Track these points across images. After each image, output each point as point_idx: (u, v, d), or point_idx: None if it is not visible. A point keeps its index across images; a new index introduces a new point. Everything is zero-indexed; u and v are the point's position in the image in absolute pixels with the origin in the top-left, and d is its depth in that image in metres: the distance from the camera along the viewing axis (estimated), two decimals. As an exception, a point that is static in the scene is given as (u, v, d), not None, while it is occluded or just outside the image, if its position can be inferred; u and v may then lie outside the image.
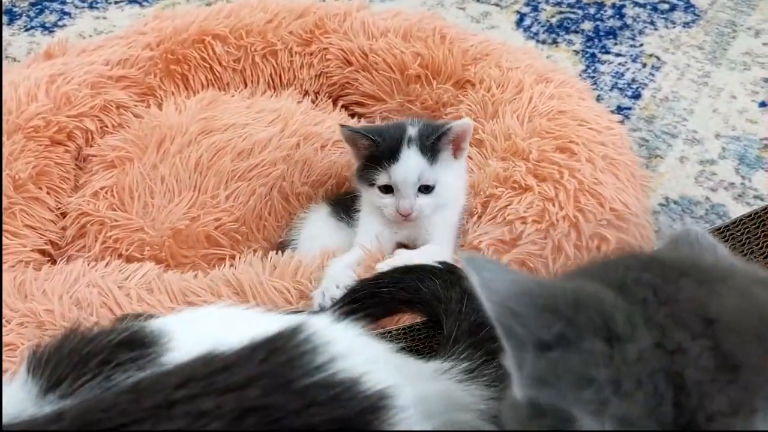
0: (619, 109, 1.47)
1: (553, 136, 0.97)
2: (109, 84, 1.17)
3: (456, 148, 0.93)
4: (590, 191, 0.92)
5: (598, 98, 1.48)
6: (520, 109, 1.04)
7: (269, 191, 1.03)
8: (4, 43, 1.63)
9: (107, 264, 0.89)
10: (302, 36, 1.27)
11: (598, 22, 1.73)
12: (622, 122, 1.26)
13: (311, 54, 1.28)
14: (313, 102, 1.26)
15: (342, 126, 0.95)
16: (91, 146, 1.09)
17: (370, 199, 0.95)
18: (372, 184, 0.92)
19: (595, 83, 1.54)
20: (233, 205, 1.01)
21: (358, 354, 0.45)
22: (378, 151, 0.91)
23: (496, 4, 1.82)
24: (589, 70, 1.59)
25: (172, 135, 1.04)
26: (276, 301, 0.82)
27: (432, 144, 0.90)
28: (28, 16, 1.78)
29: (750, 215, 0.84)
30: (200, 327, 0.51)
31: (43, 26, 1.74)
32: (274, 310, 0.74)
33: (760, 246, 0.82)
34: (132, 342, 0.47)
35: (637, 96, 1.50)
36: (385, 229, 0.94)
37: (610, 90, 1.53)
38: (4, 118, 1.06)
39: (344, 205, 0.99)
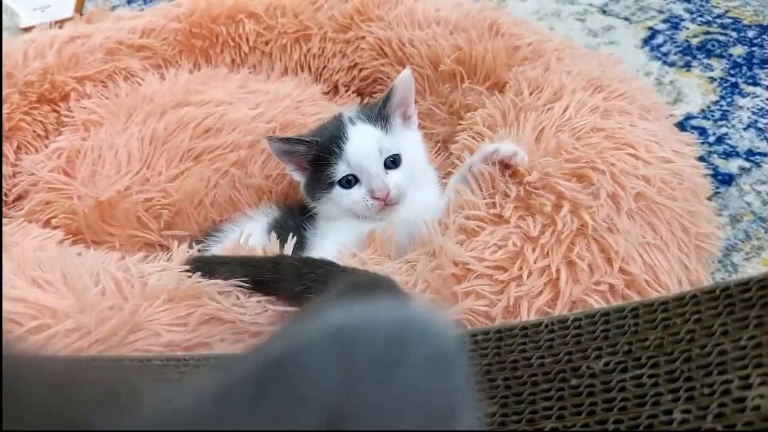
0: (749, 154, 1.10)
1: (570, 158, 0.69)
2: (126, 52, 1.10)
3: (403, 116, 0.80)
4: (597, 240, 0.62)
5: (725, 135, 1.13)
6: (547, 120, 0.76)
7: (221, 177, 0.87)
8: None
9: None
10: (339, 21, 1.10)
11: (754, 48, 1.35)
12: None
13: (346, 42, 1.10)
14: (334, 94, 1.08)
15: (269, 138, 0.78)
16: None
17: (333, 209, 0.76)
18: (331, 184, 0.75)
19: (725, 117, 1.18)
20: (174, 185, 0.86)
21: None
22: (322, 148, 0.75)
23: (626, 18, 1.51)
24: (723, 102, 1.22)
25: (142, 104, 0.93)
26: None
27: (379, 112, 0.77)
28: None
29: None
30: None
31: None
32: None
33: None
34: None
35: (777, 140, 1.11)
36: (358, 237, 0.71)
37: (745, 129, 1.16)
38: (9, 72, 1.03)
39: (297, 215, 0.80)
